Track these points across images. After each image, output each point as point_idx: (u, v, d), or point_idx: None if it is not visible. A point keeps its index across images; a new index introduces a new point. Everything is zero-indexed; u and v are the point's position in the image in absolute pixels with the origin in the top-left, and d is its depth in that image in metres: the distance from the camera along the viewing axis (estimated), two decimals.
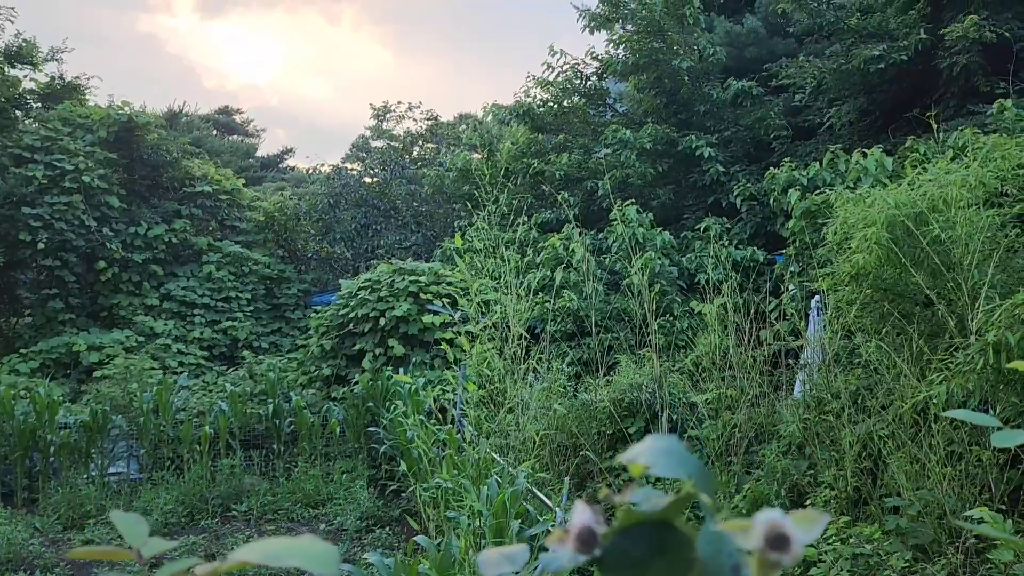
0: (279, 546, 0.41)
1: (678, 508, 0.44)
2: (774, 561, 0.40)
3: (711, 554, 0.40)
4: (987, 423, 0.88)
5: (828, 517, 0.42)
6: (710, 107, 13.46)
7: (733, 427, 6.91)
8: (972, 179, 5.45)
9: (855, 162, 9.42)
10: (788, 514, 0.41)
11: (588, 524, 0.45)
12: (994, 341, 4.29)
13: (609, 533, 0.44)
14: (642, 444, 0.48)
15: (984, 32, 9.75)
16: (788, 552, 0.40)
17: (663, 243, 11.31)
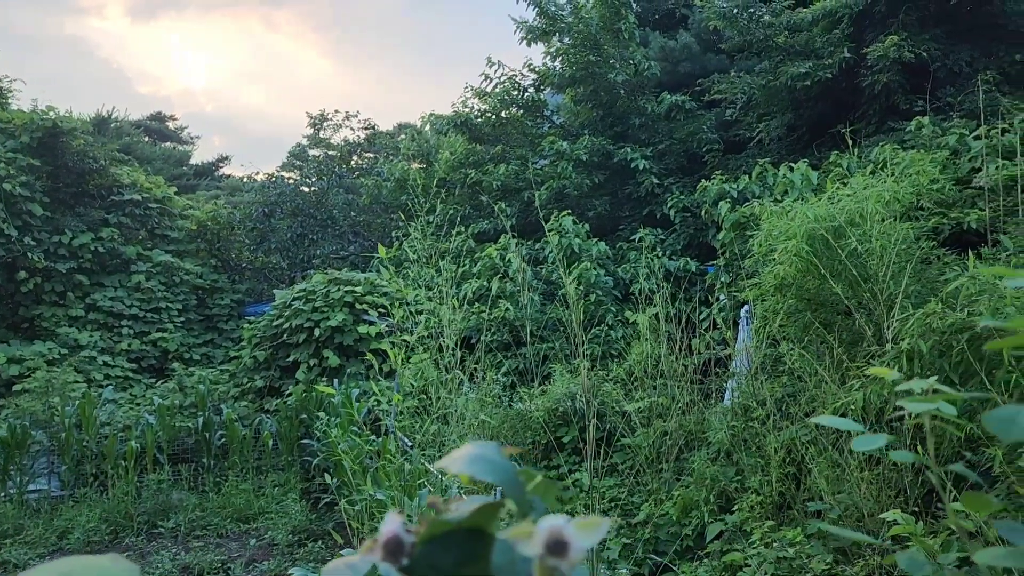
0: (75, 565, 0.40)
1: (487, 515, 0.45)
2: (552, 567, 0.41)
3: (505, 563, 0.42)
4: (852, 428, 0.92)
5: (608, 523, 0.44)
6: (645, 120, 13.69)
7: (664, 435, 7.02)
8: (887, 194, 5.66)
9: (782, 175, 9.70)
10: (571, 521, 0.43)
11: (396, 533, 0.46)
12: (907, 349, 4.46)
13: (419, 542, 0.45)
14: (460, 451, 0.50)
15: (903, 52, 10.15)
16: (566, 557, 0.41)
17: (599, 253, 11.44)
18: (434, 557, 0.44)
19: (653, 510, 6.51)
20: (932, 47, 10.32)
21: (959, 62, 10.33)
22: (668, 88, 14.00)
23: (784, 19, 11.50)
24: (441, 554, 0.43)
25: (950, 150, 9.14)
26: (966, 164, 8.92)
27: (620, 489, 7.13)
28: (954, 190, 8.66)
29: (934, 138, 9.46)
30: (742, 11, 11.79)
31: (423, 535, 0.45)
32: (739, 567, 5.28)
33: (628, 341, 9.15)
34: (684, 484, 6.61)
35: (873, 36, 10.63)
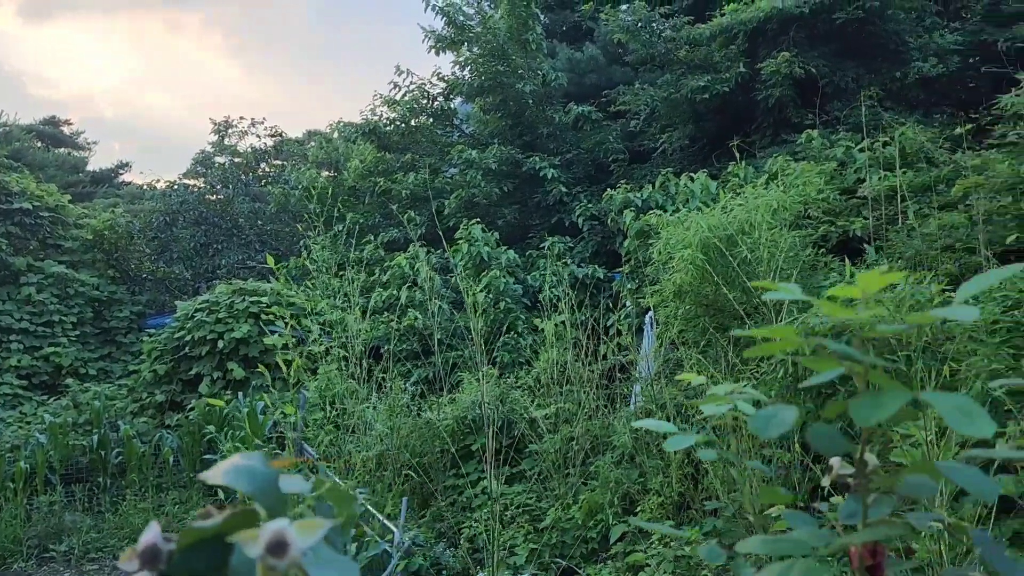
0: None
1: (235, 523, 0.49)
2: (272, 566, 0.45)
3: (242, 564, 0.45)
4: (666, 429, 0.99)
5: (328, 524, 0.49)
6: (553, 130, 13.89)
7: (571, 440, 7.14)
8: (775, 203, 5.92)
9: (683, 185, 10.02)
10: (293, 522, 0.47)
11: (153, 542, 0.48)
12: None
13: (177, 550, 0.48)
14: (224, 463, 0.53)
15: (794, 68, 10.64)
16: (286, 557, 0.45)
17: (508, 261, 11.54)
18: (188, 563, 0.47)
19: (560, 514, 6.61)
20: (820, 64, 10.84)
21: (845, 78, 10.88)
22: (575, 99, 14.26)
23: (684, 34, 11.88)
24: (194, 560, 0.46)
25: (837, 162, 9.61)
26: (852, 175, 9.40)
27: (528, 495, 7.20)
28: (840, 200, 9.12)
29: (823, 150, 9.93)
30: (644, 25, 12.12)
31: (181, 543, 0.48)
32: (641, 567, 5.43)
33: (536, 349, 9.26)
34: (590, 488, 6.74)
35: (766, 52, 11.09)
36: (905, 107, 10.94)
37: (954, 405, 0.70)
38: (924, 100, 11.16)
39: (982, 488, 0.76)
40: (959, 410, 0.69)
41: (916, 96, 11.07)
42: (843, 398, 3.27)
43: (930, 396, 0.72)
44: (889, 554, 0.90)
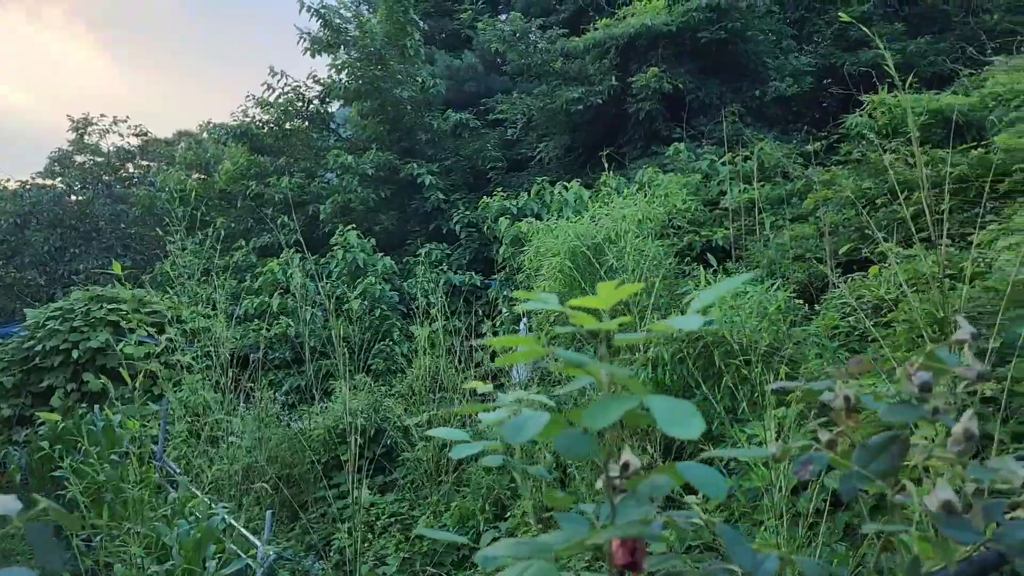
0: None
1: None
2: None
3: None
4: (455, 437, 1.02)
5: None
6: (432, 136, 13.89)
7: (444, 447, 7.13)
8: (640, 214, 6.13)
9: (558, 194, 10.21)
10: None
11: None
12: (653, 356, 4.84)
13: None
14: None
15: (663, 83, 11.06)
16: None
17: (385, 268, 11.43)
18: None
19: (432, 522, 6.59)
20: (687, 80, 11.32)
21: (710, 95, 11.40)
22: (455, 106, 14.31)
23: (559, 46, 12.14)
24: None
25: (703, 174, 10.04)
26: (715, 187, 9.85)
27: (400, 503, 7.15)
28: (705, 210, 9.54)
29: (690, 163, 10.35)
30: (521, 36, 12.31)
31: None
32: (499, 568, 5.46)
33: (409, 358, 9.21)
34: (462, 495, 6.75)
35: (637, 67, 11.48)
36: (765, 124, 11.57)
37: (668, 408, 0.74)
38: (782, 117, 11.83)
39: (711, 485, 0.82)
40: (672, 413, 0.74)
41: (774, 113, 11.72)
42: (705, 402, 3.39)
43: (651, 400, 0.76)
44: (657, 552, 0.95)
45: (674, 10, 11.22)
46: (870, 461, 0.80)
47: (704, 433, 4.95)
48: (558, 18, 14.53)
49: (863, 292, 5.13)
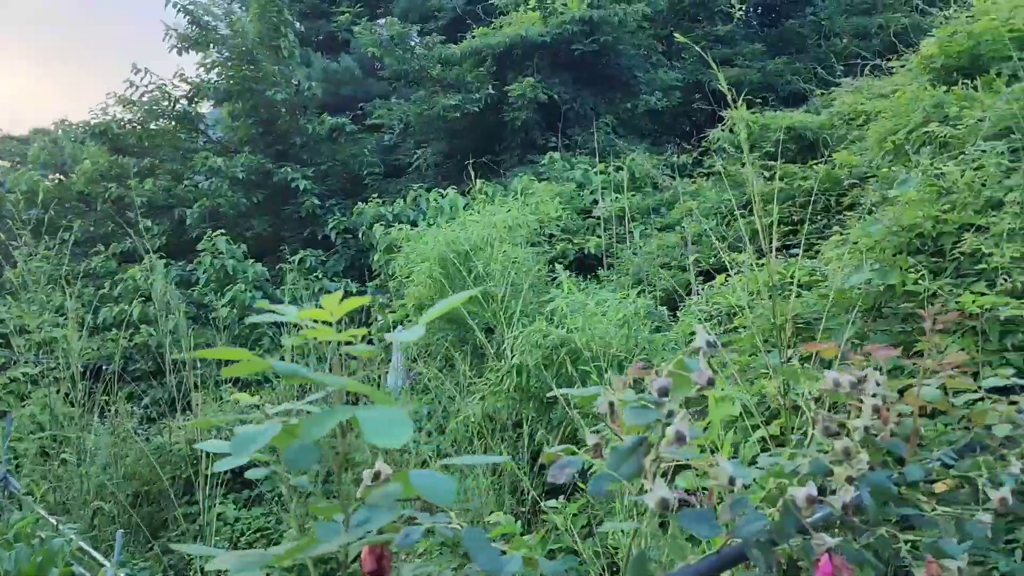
0: None
1: None
2: None
3: None
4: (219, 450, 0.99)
5: None
6: (307, 140, 13.58)
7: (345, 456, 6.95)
8: (511, 221, 6.19)
9: (433, 200, 10.19)
10: None
11: None
12: (518, 364, 4.89)
13: None
14: None
15: (538, 93, 11.23)
16: None
17: (255, 275, 11.08)
18: None
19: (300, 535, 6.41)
20: (562, 90, 11.54)
21: (584, 106, 11.67)
22: (332, 109, 14.05)
23: (437, 53, 12.13)
24: None
25: (576, 183, 10.25)
26: (589, 196, 10.08)
27: (267, 518, 6.93)
28: (578, 219, 9.74)
29: (564, 172, 10.55)
30: (399, 41, 12.23)
31: None
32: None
33: None
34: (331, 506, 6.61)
35: (514, 76, 11.61)
36: (637, 135, 11.94)
37: (375, 419, 0.75)
38: (652, 130, 12.24)
39: (438, 492, 0.83)
40: (377, 423, 0.75)
41: (646, 126, 12.12)
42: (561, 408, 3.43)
43: (359, 411, 0.77)
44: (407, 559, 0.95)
45: (549, 22, 11.43)
46: (621, 463, 0.83)
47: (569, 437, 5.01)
48: (436, 25, 14.52)
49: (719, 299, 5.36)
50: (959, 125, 4.60)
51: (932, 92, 5.46)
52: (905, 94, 6.03)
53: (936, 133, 4.82)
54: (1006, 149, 3.76)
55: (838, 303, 3.89)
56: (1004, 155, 3.64)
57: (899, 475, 1.06)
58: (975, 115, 4.60)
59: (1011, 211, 3.21)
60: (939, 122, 4.75)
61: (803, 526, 0.84)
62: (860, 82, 8.92)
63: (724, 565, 0.87)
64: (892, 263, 3.57)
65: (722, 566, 0.87)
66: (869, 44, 11.47)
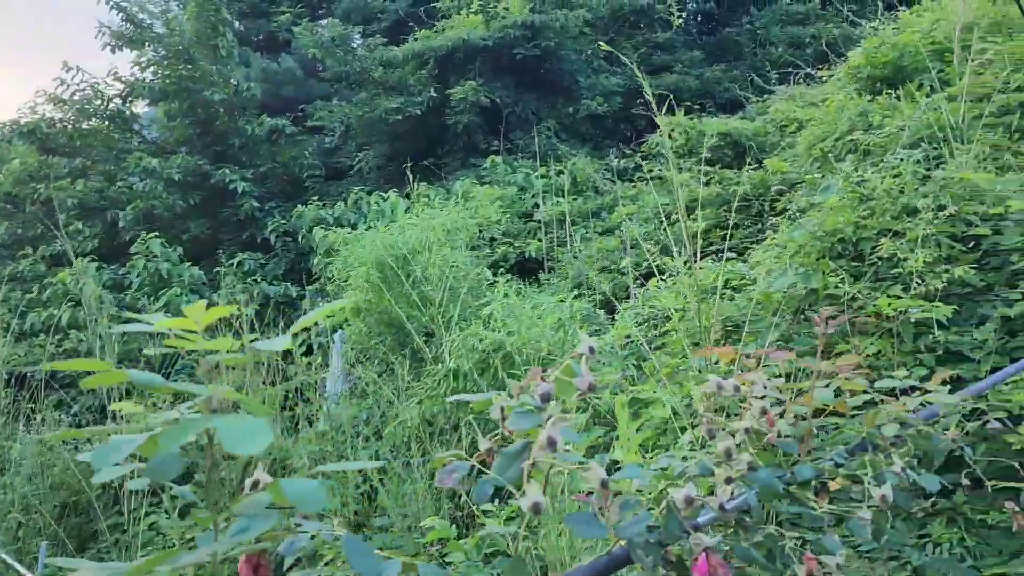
0: None
1: None
2: None
3: None
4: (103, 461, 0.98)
5: None
6: (246, 141, 13.34)
7: (246, 466, 6.83)
8: (450, 224, 6.18)
9: (374, 203, 10.13)
10: None
11: None
12: (454, 367, 4.88)
13: None
14: None
15: (480, 97, 11.24)
16: None
17: (192, 279, 10.84)
18: None
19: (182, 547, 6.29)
20: (504, 95, 11.58)
21: (526, 110, 11.72)
22: (273, 110, 13.84)
23: (379, 55, 12.06)
24: None
25: (518, 187, 10.29)
26: (530, 200, 10.13)
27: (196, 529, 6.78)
28: (519, 222, 9.77)
29: (506, 175, 10.58)
30: (340, 43, 12.12)
31: None
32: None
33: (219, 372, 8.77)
34: None
35: (456, 80, 11.61)
36: (578, 139, 12.04)
37: (233, 427, 0.76)
38: (594, 134, 12.36)
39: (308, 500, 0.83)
40: (235, 431, 0.75)
41: (587, 130, 12.23)
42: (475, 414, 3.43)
43: (216, 420, 0.77)
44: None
45: (491, 25, 11.45)
46: (507, 467, 0.84)
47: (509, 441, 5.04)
48: (379, 27, 14.43)
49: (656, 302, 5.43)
50: (881, 133, 4.75)
51: (857, 101, 5.63)
52: (833, 103, 6.21)
53: (860, 141, 4.97)
54: (922, 157, 3.90)
55: (765, 306, 3.98)
56: (920, 163, 3.77)
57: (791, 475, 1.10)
58: (896, 124, 4.76)
59: (925, 217, 3.32)
60: (863, 130, 4.90)
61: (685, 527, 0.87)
62: (793, 90, 9.15)
63: (615, 565, 0.89)
64: (815, 267, 3.67)
65: (614, 566, 0.89)
66: (803, 53, 11.77)
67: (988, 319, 3.11)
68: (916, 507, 1.22)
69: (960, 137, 4.07)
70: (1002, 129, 4.33)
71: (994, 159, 4.04)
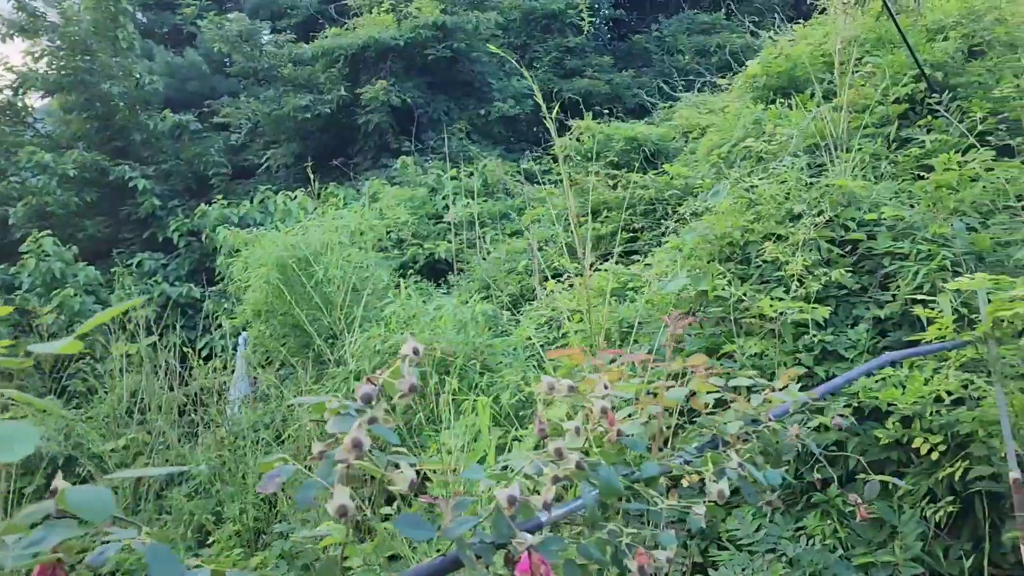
0: None
1: None
2: None
3: None
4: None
5: None
6: (148, 137, 12.88)
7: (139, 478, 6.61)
8: (353, 226, 6.11)
9: (282, 203, 9.92)
10: None
11: None
12: (356, 370, 4.83)
13: None
14: None
15: (391, 97, 11.15)
16: None
17: (88, 279, 10.39)
18: None
19: (126, 556, 6.07)
20: (416, 95, 11.52)
21: (438, 111, 11.69)
22: (178, 106, 13.40)
23: (287, 51, 11.82)
24: None
25: (429, 188, 10.25)
26: (441, 201, 10.10)
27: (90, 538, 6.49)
28: (429, 224, 9.73)
29: (417, 176, 10.52)
30: (247, 38, 11.83)
31: None
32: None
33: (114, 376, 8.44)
34: (162, 523, 6.30)
35: (367, 78, 11.48)
36: (490, 141, 12.07)
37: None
38: (506, 136, 12.41)
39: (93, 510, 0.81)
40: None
41: (499, 132, 12.27)
42: None
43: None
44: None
45: (403, 25, 11.37)
46: (328, 471, 0.84)
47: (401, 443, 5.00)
48: (289, 23, 14.15)
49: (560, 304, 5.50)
50: (773, 141, 4.93)
51: (753, 109, 5.83)
52: (731, 110, 6.41)
53: (754, 148, 5.15)
54: (806, 165, 4.06)
55: (660, 307, 4.08)
56: (804, 171, 3.93)
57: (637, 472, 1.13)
58: (787, 132, 4.95)
59: (806, 223, 3.47)
60: (756, 138, 5.08)
61: (512, 527, 0.88)
62: (698, 98, 9.41)
63: (450, 566, 0.89)
64: (706, 269, 3.78)
65: (449, 567, 0.89)
66: (708, 62, 12.11)
67: (861, 320, 3.27)
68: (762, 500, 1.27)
69: (842, 146, 4.26)
70: (880, 139, 4.55)
71: (873, 168, 4.25)
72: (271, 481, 0.88)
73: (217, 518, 6.11)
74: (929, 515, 2.60)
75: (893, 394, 2.74)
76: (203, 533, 6.19)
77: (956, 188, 3.66)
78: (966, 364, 2.74)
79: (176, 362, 7.75)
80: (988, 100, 4.52)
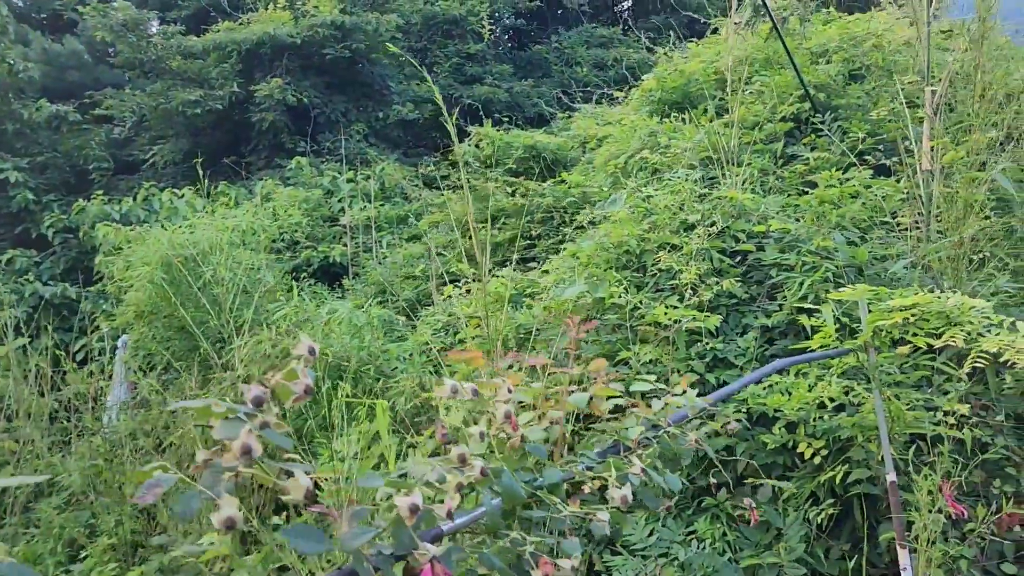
0: None
1: None
2: None
3: None
4: None
5: None
6: (22, 128, 12.09)
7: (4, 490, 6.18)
8: (245, 226, 5.90)
9: (168, 201, 9.51)
10: None
11: None
12: (244, 374, 4.65)
13: None
14: None
15: (287, 95, 10.87)
16: None
17: None
18: None
19: None
20: (313, 95, 11.26)
21: (336, 112, 11.47)
22: (56, 96, 12.64)
23: (176, 43, 11.35)
24: None
25: (324, 190, 10.03)
26: (337, 204, 9.90)
27: None
28: (324, 226, 9.52)
29: (312, 178, 10.28)
30: (133, 28, 11.29)
31: None
32: None
33: None
34: (30, 537, 5.90)
35: (262, 76, 11.15)
36: (389, 145, 11.92)
37: None
38: (405, 140, 12.30)
39: None
40: None
41: (398, 136, 12.15)
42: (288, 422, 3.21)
43: None
44: None
45: (300, 23, 11.11)
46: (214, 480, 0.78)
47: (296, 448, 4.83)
48: (179, 15, 13.58)
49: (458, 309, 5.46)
50: (667, 153, 5.06)
51: (648, 122, 5.97)
52: (628, 122, 6.55)
53: (649, 159, 5.27)
54: (700, 177, 4.18)
55: (558, 314, 4.10)
56: (698, 183, 4.05)
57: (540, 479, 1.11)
58: (681, 145, 5.09)
59: (700, 233, 3.56)
60: (652, 150, 5.20)
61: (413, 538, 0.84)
62: (595, 109, 9.58)
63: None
64: (603, 277, 3.83)
65: None
66: (606, 74, 12.37)
67: (750, 328, 3.38)
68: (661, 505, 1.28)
69: (734, 160, 4.41)
70: (768, 155, 4.74)
71: (761, 182, 4.42)
72: (150, 491, 0.81)
73: (91, 531, 5.76)
74: (812, 517, 2.71)
75: (779, 400, 2.84)
76: (75, 548, 5.83)
77: (838, 204, 3.85)
78: (847, 371, 2.87)
79: (48, 366, 7.29)
80: (866, 121, 4.78)
